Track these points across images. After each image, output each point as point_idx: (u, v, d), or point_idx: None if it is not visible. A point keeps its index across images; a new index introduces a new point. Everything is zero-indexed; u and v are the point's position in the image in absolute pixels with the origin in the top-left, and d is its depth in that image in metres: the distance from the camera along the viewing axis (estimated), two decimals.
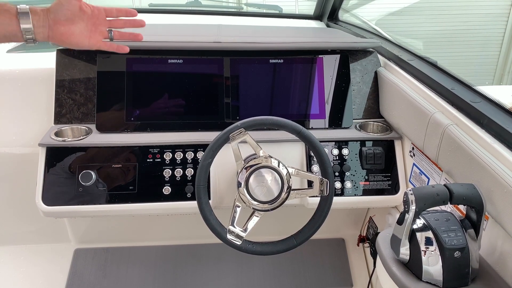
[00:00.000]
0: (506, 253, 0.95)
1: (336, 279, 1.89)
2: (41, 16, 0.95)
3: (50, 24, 0.95)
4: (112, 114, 1.44)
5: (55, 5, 0.96)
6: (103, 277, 1.83)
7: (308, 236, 1.22)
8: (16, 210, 1.73)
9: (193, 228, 1.82)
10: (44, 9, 0.97)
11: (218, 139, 1.18)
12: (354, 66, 1.57)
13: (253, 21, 2.42)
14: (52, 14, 0.95)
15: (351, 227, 1.96)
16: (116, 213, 1.36)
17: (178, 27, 1.96)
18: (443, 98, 1.23)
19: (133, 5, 3.23)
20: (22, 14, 0.92)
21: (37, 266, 1.83)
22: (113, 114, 1.44)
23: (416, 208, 0.89)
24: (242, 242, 1.17)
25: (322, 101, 1.52)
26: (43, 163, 1.34)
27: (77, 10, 0.97)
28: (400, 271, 0.95)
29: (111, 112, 1.44)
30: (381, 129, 1.51)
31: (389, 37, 1.86)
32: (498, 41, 5.45)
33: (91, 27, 1.00)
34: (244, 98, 1.49)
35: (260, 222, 1.18)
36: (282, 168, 1.19)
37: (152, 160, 1.38)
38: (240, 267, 1.90)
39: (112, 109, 1.44)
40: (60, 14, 0.95)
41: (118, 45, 1.03)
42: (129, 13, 1.03)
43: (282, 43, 1.52)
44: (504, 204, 0.91)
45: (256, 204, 1.18)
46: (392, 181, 1.43)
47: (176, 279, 1.86)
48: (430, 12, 5.25)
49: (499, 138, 1.01)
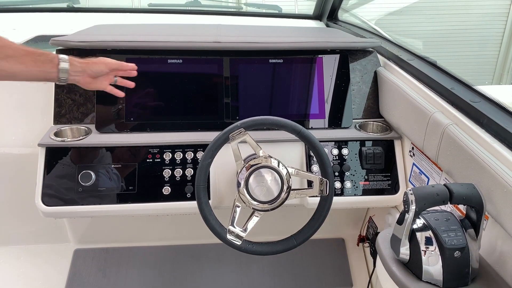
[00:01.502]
0: (506, 253, 0.95)
1: (336, 279, 1.89)
2: (77, 67, 1.15)
3: (84, 75, 1.17)
4: (112, 114, 1.43)
5: (96, 66, 1.19)
6: (103, 277, 1.83)
7: (308, 236, 1.22)
8: (15, 211, 1.73)
9: (193, 228, 1.82)
10: (83, 62, 1.17)
11: (217, 139, 1.17)
12: (353, 66, 1.57)
13: (253, 21, 2.42)
14: (90, 70, 1.18)
15: (351, 227, 1.96)
16: (115, 213, 1.36)
17: (178, 27, 1.95)
18: (443, 98, 1.23)
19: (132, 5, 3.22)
20: (62, 64, 1.11)
21: (37, 266, 1.82)
22: (112, 114, 1.43)
23: (416, 208, 0.89)
24: (242, 242, 1.17)
25: (321, 101, 1.52)
26: (43, 164, 1.34)
27: (105, 73, 1.23)
28: (400, 271, 0.95)
29: (111, 112, 1.43)
30: (381, 129, 1.51)
31: (389, 37, 1.86)
32: (497, 40, 5.45)
33: (106, 76, 1.24)
34: (243, 98, 1.49)
35: (260, 222, 1.18)
36: (282, 168, 1.19)
37: (152, 160, 1.38)
38: (240, 267, 1.90)
39: (112, 109, 1.44)
40: (96, 72, 1.19)
41: (117, 91, 1.30)
42: (128, 67, 1.28)
43: (282, 43, 1.51)
44: (504, 204, 0.91)
45: (256, 204, 1.18)
46: (392, 181, 1.43)
47: (175, 279, 1.86)
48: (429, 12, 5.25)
49: (499, 138, 1.01)
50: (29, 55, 1.06)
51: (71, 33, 1.58)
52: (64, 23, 2.32)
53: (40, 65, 1.08)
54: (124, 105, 1.44)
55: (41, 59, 1.08)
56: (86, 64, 1.17)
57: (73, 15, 2.48)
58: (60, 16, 2.44)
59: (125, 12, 2.51)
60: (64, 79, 1.13)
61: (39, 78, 1.11)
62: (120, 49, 1.46)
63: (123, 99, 1.44)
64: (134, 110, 1.45)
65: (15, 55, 1.04)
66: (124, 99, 1.44)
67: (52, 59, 1.10)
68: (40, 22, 2.31)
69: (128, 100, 1.44)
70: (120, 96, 1.31)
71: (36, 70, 1.08)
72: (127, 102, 1.44)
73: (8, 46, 1.04)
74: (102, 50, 1.45)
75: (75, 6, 2.63)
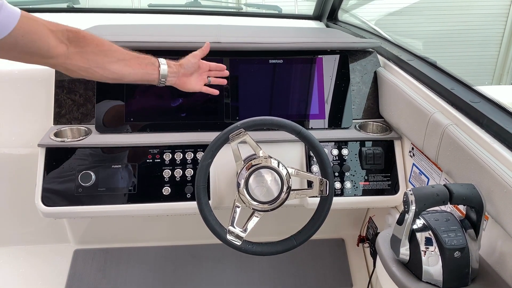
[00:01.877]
0: (506, 253, 0.95)
1: (336, 279, 1.89)
2: (173, 68, 1.22)
3: (179, 75, 1.25)
4: (112, 114, 1.43)
5: (186, 61, 1.26)
6: (103, 277, 1.82)
7: (308, 237, 1.22)
8: (15, 211, 1.73)
9: (192, 229, 1.82)
10: (176, 64, 1.24)
11: (217, 140, 1.17)
12: (353, 66, 1.57)
13: (253, 21, 2.42)
14: (183, 69, 1.25)
15: (351, 227, 1.96)
16: (115, 214, 1.36)
17: (178, 28, 1.95)
18: (443, 98, 1.23)
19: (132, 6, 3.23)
20: (162, 66, 1.19)
21: (37, 266, 1.82)
22: (112, 114, 1.43)
23: (416, 208, 0.89)
24: (242, 242, 1.17)
25: (321, 101, 1.52)
26: (43, 164, 1.34)
27: (197, 66, 1.28)
28: (400, 271, 0.95)
29: (111, 112, 1.43)
30: (381, 129, 1.51)
31: (389, 37, 1.86)
32: (497, 40, 5.45)
33: (199, 76, 1.31)
34: (243, 99, 1.49)
35: (260, 223, 1.18)
36: (282, 169, 1.19)
37: (152, 161, 1.38)
38: (240, 268, 1.90)
39: (112, 109, 1.44)
40: (188, 68, 1.26)
41: (213, 89, 1.34)
42: (219, 67, 1.35)
43: (282, 43, 1.52)
44: (504, 204, 0.91)
45: (256, 205, 1.18)
46: (392, 181, 1.43)
47: (175, 279, 1.85)
48: (429, 12, 5.25)
49: (499, 138, 1.01)
50: (135, 59, 1.15)
51: None
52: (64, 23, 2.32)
53: (144, 67, 1.17)
54: (124, 106, 1.44)
55: (145, 62, 1.17)
56: (179, 64, 1.24)
57: (73, 16, 2.48)
58: (60, 17, 2.43)
59: (125, 13, 2.51)
60: (164, 81, 1.21)
61: (143, 80, 1.19)
62: None
63: (123, 100, 1.43)
64: (134, 110, 1.45)
65: (125, 59, 1.13)
66: (124, 99, 1.44)
67: (154, 62, 1.19)
68: None
69: (128, 101, 1.44)
70: (215, 94, 1.34)
71: (141, 72, 1.16)
72: (127, 103, 1.44)
73: (119, 51, 1.12)
74: None
75: (75, 7, 2.63)
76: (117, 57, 1.11)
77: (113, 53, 1.10)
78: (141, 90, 1.45)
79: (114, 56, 1.10)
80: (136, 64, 1.15)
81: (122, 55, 1.12)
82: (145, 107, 1.46)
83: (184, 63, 1.25)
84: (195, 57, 1.26)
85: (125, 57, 1.13)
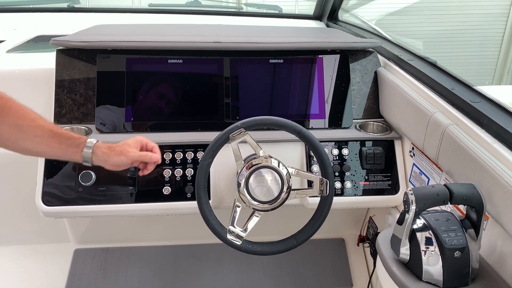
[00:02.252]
0: (506, 253, 0.95)
1: (336, 279, 1.89)
2: (99, 156, 1.11)
3: (106, 164, 1.13)
4: (112, 114, 1.43)
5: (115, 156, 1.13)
6: (103, 277, 1.83)
7: (308, 236, 1.22)
8: (16, 210, 1.73)
9: (193, 228, 1.82)
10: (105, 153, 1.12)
11: (218, 139, 1.18)
12: (354, 66, 1.57)
13: (253, 21, 2.42)
14: (110, 161, 1.13)
15: (351, 227, 1.96)
16: (116, 213, 1.36)
17: (178, 27, 1.96)
18: (443, 98, 1.23)
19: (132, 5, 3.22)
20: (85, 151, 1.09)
21: (37, 266, 1.82)
22: (112, 114, 1.44)
23: (416, 208, 0.89)
24: (242, 242, 1.17)
25: (322, 101, 1.52)
26: (43, 163, 1.34)
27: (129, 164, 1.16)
28: (400, 271, 0.95)
29: (111, 112, 1.44)
30: (381, 129, 1.51)
31: (389, 37, 1.86)
32: (497, 40, 5.45)
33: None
34: (244, 98, 1.49)
35: (260, 222, 1.18)
36: (282, 168, 1.19)
37: None
38: (240, 267, 1.90)
39: (112, 109, 1.44)
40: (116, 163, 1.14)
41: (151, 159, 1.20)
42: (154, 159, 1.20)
43: (282, 43, 1.52)
44: (504, 204, 0.91)
45: (256, 204, 1.18)
46: (392, 181, 1.43)
47: (176, 279, 1.85)
48: (429, 12, 5.24)
49: (499, 138, 1.01)
50: (56, 137, 1.06)
51: (71, 33, 1.58)
52: (64, 23, 2.32)
53: (65, 148, 1.08)
54: (124, 105, 1.44)
55: (68, 143, 1.08)
56: (108, 155, 1.12)
57: (74, 15, 2.48)
58: (61, 16, 2.44)
59: (125, 12, 2.52)
60: (87, 164, 1.12)
61: (62, 158, 1.12)
62: (120, 49, 1.46)
63: (123, 100, 1.44)
64: (134, 110, 1.45)
65: (43, 136, 1.04)
66: (125, 99, 1.44)
67: (79, 145, 1.10)
68: (40, 22, 2.31)
69: (129, 100, 1.44)
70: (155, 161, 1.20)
71: (60, 152, 1.08)
72: (127, 102, 1.44)
73: (39, 128, 1.04)
74: (102, 50, 1.45)
75: (75, 6, 2.63)
76: (35, 134, 1.03)
77: (32, 129, 1.02)
78: (142, 90, 1.46)
79: (31, 133, 1.03)
80: (55, 143, 1.06)
81: (42, 132, 1.04)
82: (146, 107, 1.46)
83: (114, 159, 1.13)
84: (129, 159, 1.14)
85: (45, 135, 1.04)
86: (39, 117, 1.06)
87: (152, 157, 1.18)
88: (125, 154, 1.13)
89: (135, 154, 1.15)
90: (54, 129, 1.07)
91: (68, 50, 1.47)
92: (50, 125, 1.07)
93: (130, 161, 1.15)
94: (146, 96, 1.46)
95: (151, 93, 1.46)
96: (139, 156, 1.16)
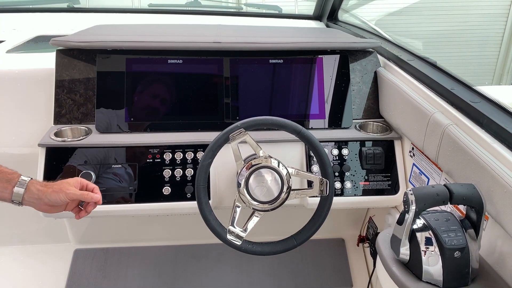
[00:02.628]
0: (506, 253, 0.95)
1: (336, 279, 1.89)
2: (33, 194, 1.05)
3: (40, 203, 1.07)
4: (112, 114, 1.44)
5: (53, 193, 1.06)
6: (103, 277, 1.83)
7: (308, 236, 1.22)
8: (16, 211, 1.71)
9: (193, 228, 1.82)
10: (41, 190, 1.06)
11: (218, 139, 1.18)
12: (353, 66, 1.57)
13: (253, 21, 2.42)
14: (46, 199, 1.06)
15: (351, 227, 1.96)
16: (116, 214, 1.36)
17: (178, 27, 1.96)
18: (443, 98, 1.24)
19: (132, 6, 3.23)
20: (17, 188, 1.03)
21: (37, 266, 1.82)
22: (112, 114, 1.44)
23: (416, 208, 0.89)
24: (242, 242, 1.17)
25: (322, 101, 1.52)
26: (43, 164, 1.34)
27: (65, 203, 1.09)
28: (400, 271, 0.95)
29: (111, 112, 1.44)
30: (381, 129, 1.51)
31: (389, 37, 1.86)
32: (497, 41, 5.45)
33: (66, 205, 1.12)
34: (244, 98, 1.49)
35: (260, 222, 1.18)
36: (282, 168, 1.19)
37: (152, 160, 1.38)
38: (240, 267, 1.90)
39: (112, 109, 1.44)
40: (53, 200, 1.07)
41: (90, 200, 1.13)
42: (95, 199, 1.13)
43: (282, 43, 1.52)
44: (504, 204, 0.91)
45: (256, 204, 1.18)
46: (392, 181, 1.43)
47: (175, 279, 1.85)
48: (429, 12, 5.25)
49: (499, 138, 1.01)
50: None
51: (71, 33, 1.58)
52: (64, 23, 2.32)
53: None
54: (124, 105, 1.44)
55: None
56: (44, 193, 1.06)
57: (73, 15, 2.48)
58: (60, 16, 2.44)
59: (125, 13, 2.52)
60: (17, 202, 1.05)
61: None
62: (120, 49, 1.46)
63: (123, 100, 1.44)
64: (134, 110, 1.45)
65: None
66: (125, 99, 1.44)
67: (10, 180, 1.04)
68: (40, 22, 2.31)
69: (128, 101, 1.44)
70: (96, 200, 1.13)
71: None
72: (127, 103, 1.44)
73: None
74: (102, 50, 1.45)
75: (75, 6, 2.63)
76: None
77: None
78: (142, 90, 1.46)
79: None
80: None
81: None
82: (145, 107, 1.46)
83: (51, 196, 1.06)
84: (68, 197, 1.07)
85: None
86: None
87: (93, 197, 1.11)
88: (64, 191, 1.07)
89: (75, 193, 1.08)
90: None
91: (68, 50, 1.47)
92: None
93: (69, 199, 1.08)
94: (146, 96, 1.46)
95: (151, 93, 1.46)
96: (80, 195, 1.09)
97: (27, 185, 1.05)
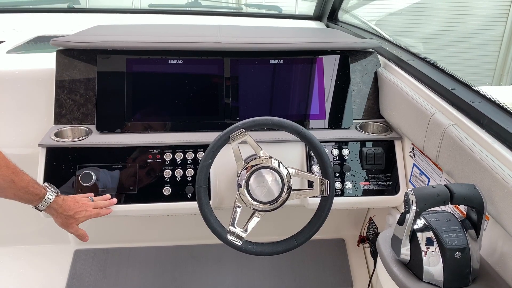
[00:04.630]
0: (507, 254, 0.95)
1: (336, 279, 1.89)
2: (58, 212, 1.21)
3: (60, 216, 1.23)
4: (112, 114, 1.43)
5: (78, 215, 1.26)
6: (103, 277, 1.82)
7: (309, 237, 1.22)
8: (16, 211, 1.72)
9: (193, 229, 1.82)
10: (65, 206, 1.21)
11: (218, 140, 1.18)
12: (354, 66, 1.57)
13: (253, 22, 2.42)
14: (68, 213, 1.23)
15: (351, 228, 1.96)
16: (116, 214, 1.36)
17: (178, 28, 1.96)
18: (443, 99, 1.24)
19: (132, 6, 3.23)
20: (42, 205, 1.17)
21: (37, 267, 1.82)
22: (113, 114, 1.43)
23: (417, 208, 0.89)
24: (243, 242, 1.17)
25: (322, 102, 1.52)
26: (43, 164, 1.34)
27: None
28: (400, 271, 0.95)
29: (111, 112, 1.44)
30: (381, 130, 1.51)
31: (389, 38, 1.86)
32: (497, 41, 5.45)
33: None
34: (244, 99, 1.49)
35: (261, 223, 1.18)
36: (282, 169, 1.19)
37: (152, 161, 1.38)
38: (241, 268, 1.90)
39: (112, 109, 1.44)
40: (78, 220, 1.27)
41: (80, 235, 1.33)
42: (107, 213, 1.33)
43: (282, 44, 1.52)
44: (505, 205, 0.91)
45: (257, 205, 1.18)
46: (392, 182, 1.43)
47: (176, 279, 1.85)
48: (429, 13, 5.25)
49: (499, 138, 1.01)
50: (12, 188, 1.10)
51: (71, 33, 1.58)
52: (64, 24, 2.32)
53: (22, 196, 1.13)
54: (124, 106, 1.44)
55: (25, 197, 1.14)
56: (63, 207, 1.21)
57: (74, 16, 2.48)
58: (61, 17, 2.44)
59: (125, 13, 2.52)
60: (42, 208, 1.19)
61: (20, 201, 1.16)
62: (120, 50, 1.46)
63: (123, 100, 1.44)
64: (134, 110, 1.45)
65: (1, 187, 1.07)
66: (125, 99, 1.44)
67: (39, 193, 1.16)
68: (40, 23, 2.31)
69: (129, 101, 1.44)
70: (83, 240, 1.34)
71: (18, 198, 1.14)
72: (128, 103, 1.44)
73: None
74: (102, 50, 1.45)
75: (75, 7, 2.64)
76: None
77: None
78: (142, 90, 1.45)
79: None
80: (11, 194, 1.12)
81: (3, 180, 1.07)
82: (146, 107, 1.46)
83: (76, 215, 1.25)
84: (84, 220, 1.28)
85: (2, 186, 1.08)
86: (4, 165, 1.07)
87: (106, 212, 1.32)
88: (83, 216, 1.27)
89: (92, 212, 1.28)
90: (16, 179, 1.09)
91: (68, 50, 1.47)
92: (10, 175, 1.08)
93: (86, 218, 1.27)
94: (146, 96, 1.46)
95: (151, 93, 1.46)
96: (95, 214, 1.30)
97: (51, 203, 1.18)
